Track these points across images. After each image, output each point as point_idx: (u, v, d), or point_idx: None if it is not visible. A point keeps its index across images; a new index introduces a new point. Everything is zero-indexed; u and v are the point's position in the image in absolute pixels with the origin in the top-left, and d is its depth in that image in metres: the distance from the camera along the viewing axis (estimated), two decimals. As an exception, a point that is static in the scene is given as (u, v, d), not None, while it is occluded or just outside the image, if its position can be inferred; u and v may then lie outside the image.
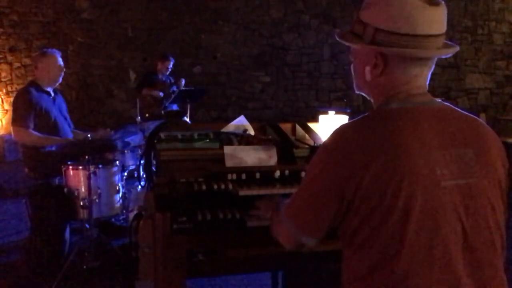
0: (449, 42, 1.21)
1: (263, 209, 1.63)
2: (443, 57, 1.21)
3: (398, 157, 1.07)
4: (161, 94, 5.91)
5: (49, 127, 3.35)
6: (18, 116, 3.31)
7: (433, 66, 1.21)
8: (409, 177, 1.06)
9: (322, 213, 1.15)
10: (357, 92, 1.33)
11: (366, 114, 1.19)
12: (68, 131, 3.54)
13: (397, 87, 1.19)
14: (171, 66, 6.12)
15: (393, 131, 1.10)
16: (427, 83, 1.22)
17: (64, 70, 3.54)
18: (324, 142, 1.19)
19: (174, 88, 6.04)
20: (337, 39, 1.29)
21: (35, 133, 3.28)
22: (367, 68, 1.21)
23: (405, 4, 1.12)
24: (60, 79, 3.53)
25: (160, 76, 6.06)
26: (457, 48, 1.22)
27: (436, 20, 1.14)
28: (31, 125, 3.27)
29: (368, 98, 1.29)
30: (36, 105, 3.31)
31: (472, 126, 1.18)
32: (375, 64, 1.19)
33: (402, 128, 1.10)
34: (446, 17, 1.16)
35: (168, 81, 6.15)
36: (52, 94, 3.51)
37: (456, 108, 1.21)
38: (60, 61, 3.49)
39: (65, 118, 3.58)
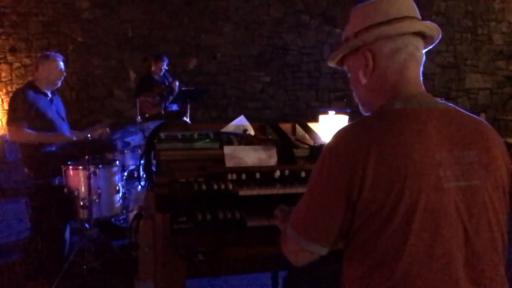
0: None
1: (280, 220, 1.50)
2: (424, 30, 1.21)
3: (402, 157, 1.06)
4: (158, 98, 5.89)
5: (46, 127, 3.35)
6: (13, 116, 3.32)
7: (424, 57, 1.23)
8: (413, 178, 1.05)
9: (330, 218, 1.13)
10: (364, 112, 1.32)
11: (369, 114, 1.19)
12: (66, 131, 3.54)
13: (394, 84, 1.19)
14: (165, 66, 6.09)
15: (397, 132, 1.10)
16: (421, 76, 1.23)
17: (65, 74, 3.55)
18: (327, 145, 1.17)
19: (173, 88, 6.03)
20: (329, 64, 1.37)
21: (29, 130, 3.28)
22: (360, 72, 1.24)
23: (375, 1, 1.22)
24: (59, 83, 3.54)
25: (156, 78, 6.05)
26: (438, 28, 1.25)
27: (407, 4, 1.22)
28: (25, 124, 3.28)
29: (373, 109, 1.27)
30: (33, 106, 3.31)
31: (475, 127, 1.18)
32: (366, 64, 1.21)
33: (406, 128, 1.10)
34: (415, 5, 1.24)
35: (166, 81, 6.13)
36: (50, 95, 3.52)
37: (459, 109, 1.21)
38: (62, 65, 3.51)
39: (64, 119, 3.59)
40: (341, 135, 1.15)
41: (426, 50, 1.27)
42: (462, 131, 1.15)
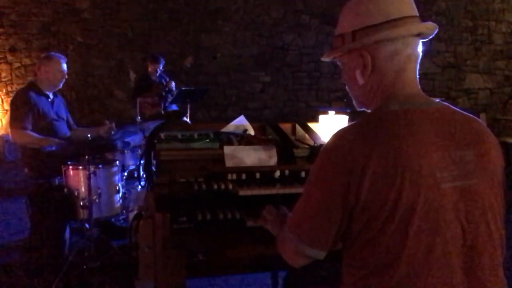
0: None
1: (270, 223, 1.51)
2: (425, 31, 1.21)
3: (398, 159, 1.06)
4: (157, 98, 5.89)
5: (46, 129, 3.35)
6: (16, 118, 3.31)
7: (420, 55, 1.22)
8: (411, 179, 1.05)
9: (328, 222, 1.12)
10: (358, 109, 1.33)
11: (365, 117, 1.18)
12: (66, 133, 3.54)
13: (391, 85, 1.19)
14: (161, 67, 6.09)
15: (393, 134, 1.09)
16: (417, 74, 1.22)
17: (66, 76, 3.55)
18: (323, 148, 1.17)
19: (170, 88, 6.02)
20: (323, 60, 1.34)
21: (32, 134, 3.28)
22: (358, 72, 1.22)
23: None
24: (61, 85, 3.53)
25: (154, 78, 6.04)
26: (436, 26, 1.24)
27: (406, 3, 1.19)
28: (29, 127, 3.27)
29: (368, 109, 1.28)
30: (34, 107, 3.31)
31: (470, 126, 1.18)
32: (364, 64, 1.20)
33: (403, 130, 1.10)
34: (413, 1, 1.21)
35: (164, 81, 6.13)
36: (51, 97, 3.51)
37: (455, 108, 1.21)
38: (64, 67, 3.49)
39: (64, 120, 3.58)
40: (339, 137, 1.15)
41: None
42: (458, 131, 1.15)
